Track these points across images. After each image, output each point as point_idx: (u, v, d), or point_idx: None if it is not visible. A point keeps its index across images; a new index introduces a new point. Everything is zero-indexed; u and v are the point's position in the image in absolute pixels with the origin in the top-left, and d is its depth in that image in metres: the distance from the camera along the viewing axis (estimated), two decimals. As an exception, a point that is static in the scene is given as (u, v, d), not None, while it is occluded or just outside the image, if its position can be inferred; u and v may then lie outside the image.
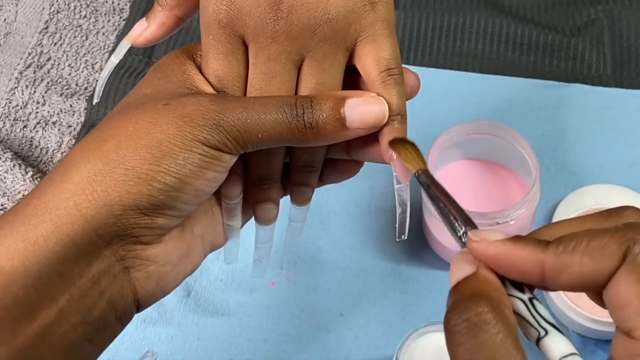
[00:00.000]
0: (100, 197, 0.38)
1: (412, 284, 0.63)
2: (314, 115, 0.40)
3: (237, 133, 0.39)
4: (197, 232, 0.44)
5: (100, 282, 0.39)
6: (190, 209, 0.41)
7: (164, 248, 0.41)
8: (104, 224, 0.38)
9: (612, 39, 0.75)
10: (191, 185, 0.39)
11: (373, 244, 0.65)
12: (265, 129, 0.40)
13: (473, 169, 0.65)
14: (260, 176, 0.45)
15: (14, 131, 0.74)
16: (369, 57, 0.42)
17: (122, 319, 0.41)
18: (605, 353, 0.58)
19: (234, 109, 0.40)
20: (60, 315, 0.37)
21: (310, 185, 0.46)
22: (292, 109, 0.40)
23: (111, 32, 0.80)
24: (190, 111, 0.39)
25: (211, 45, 0.42)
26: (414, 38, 0.76)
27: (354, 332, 0.61)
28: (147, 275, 0.41)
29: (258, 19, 0.41)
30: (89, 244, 0.38)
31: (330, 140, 0.41)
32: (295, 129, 0.40)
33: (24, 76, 0.77)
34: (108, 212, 0.38)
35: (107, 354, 0.61)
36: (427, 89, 0.72)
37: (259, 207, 0.46)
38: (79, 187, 0.38)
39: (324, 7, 0.41)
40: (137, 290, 0.41)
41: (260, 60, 0.42)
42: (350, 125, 0.41)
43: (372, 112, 0.41)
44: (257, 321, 0.62)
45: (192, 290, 0.64)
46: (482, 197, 0.63)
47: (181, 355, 0.61)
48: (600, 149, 0.68)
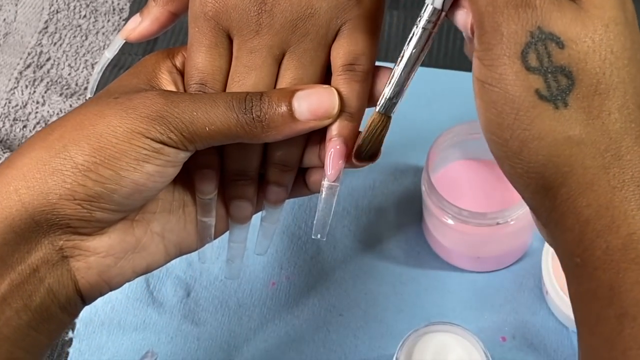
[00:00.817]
0: (38, 184, 0.38)
1: (412, 284, 0.63)
2: (262, 108, 0.40)
3: (183, 126, 0.39)
4: (156, 230, 0.43)
5: (39, 270, 0.39)
6: (133, 204, 0.41)
7: (106, 240, 0.41)
8: (40, 211, 0.38)
9: (612, 39, 0.74)
10: (128, 178, 0.39)
11: (373, 244, 0.65)
12: (213, 122, 0.40)
13: (473, 169, 0.65)
14: (235, 171, 0.44)
15: (13, 131, 0.74)
16: (339, 50, 0.42)
17: (67, 309, 0.41)
18: (605, 353, 0.58)
19: (181, 102, 0.40)
20: (3, 300, 0.38)
21: (284, 185, 0.46)
22: (240, 103, 0.40)
23: (111, 32, 0.80)
24: (136, 104, 0.39)
25: (196, 38, 0.43)
26: (414, 38, 0.75)
27: (353, 332, 0.61)
28: (87, 266, 0.41)
29: (242, 12, 0.41)
30: (27, 230, 0.38)
31: (282, 133, 0.41)
32: (243, 123, 0.40)
33: (23, 76, 0.77)
34: (44, 199, 0.38)
35: (107, 354, 0.61)
36: (427, 89, 0.72)
37: (233, 204, 0.45)
38: (20, 173, 0.38)
39: (308, 1, 0.41)
40: (78, 281, 0.41)
41: (242, 53, 0.42)
42: (299, 116, 0.41)
43: (321, 102, 0.41)
44: (257, 321, 0.62)
45: (192, 290, 0.64)
46: (482, 197, 0.63)
47: (181, 355, 0.61)
48: (601, 149, 0.68)
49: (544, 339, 0.60)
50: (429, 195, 0.59)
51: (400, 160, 0.68)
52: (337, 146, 0.42)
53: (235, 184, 0.45)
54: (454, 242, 0.62)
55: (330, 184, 0.43)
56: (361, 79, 0.42)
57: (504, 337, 0.60)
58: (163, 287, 0.64)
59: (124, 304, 0.63)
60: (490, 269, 0.63)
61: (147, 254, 0.43)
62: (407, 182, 0.68)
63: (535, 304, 0.61)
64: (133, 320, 0.63)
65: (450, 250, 0.62)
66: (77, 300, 0.41)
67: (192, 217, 0.45)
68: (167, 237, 0.44)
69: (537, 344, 0.59)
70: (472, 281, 0.63)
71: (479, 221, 0.58)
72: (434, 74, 0.73)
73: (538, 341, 0.60)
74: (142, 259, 0.43)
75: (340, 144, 0.42)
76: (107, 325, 0.62)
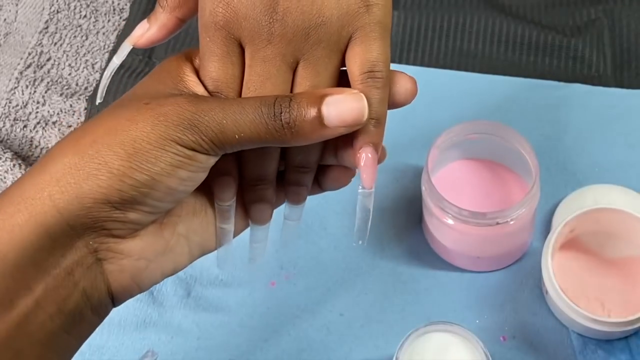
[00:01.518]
0: (72, 189, 0.38)
1: (412, 284, 0.63)
2: (292, 114, 0.40)
3: (213, 134, 0.40)
4: (181, 231, 0.44)
5: (74, 273, 0.39)
6: (165, 206, 0.41)
7: (139, 243, 0.41)
8: (75, 215, 0.38)
9: (612, 39, 0.75)
10: (163, 183, 0.39)
11: (373, 244, 0.65)
12: (242, 130, 0.40)
13: (473, 168, 0.65)
14: (254, 177, 0.45)
15: (14, 131, 0.74)
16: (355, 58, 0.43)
17: (99, 312, 0.41)
18: (605, 353, 0.58)
19: (211, 110, 0.40)
20: (37, 305, 0.38)
21: (305, 185, 0.46)
22: (269, 108, 0.40)
23: (111, 32, 0.80)
24: (167, 110, 0.40)
25: (208, 47, 0.43)
26: (414, 38, 0.76)
27: (354, 332, 0.61)
28: (120, 269, 0.41)
29: (254, 22, 0.42)
30: (62, 235, 0.39)
31: (310, 139, 0.41)
32: (272, 130, 0.40)
33: (24, 76, 0.77)
34: (79, 204, 0.38)
35: (107, 354, 0.61)
36: (427, 89, 0.72)
37: (254, 207, 0.46)
38: (54, 178, 0.39)
39: (318, 9, 0.41)
40: (111, 284, 0.41)
41: (255, 62, 0.42)
42: (329, 123, 0.40)
43: (351, 109, 0.41)
44: (257, 321, 0.62)
45: (192, 290, 0.64)
46: (482, 197, 0.63)
47: (181, 355, 0.61)
48: (600, 149, 0.68)
49: (543, 339, 0.60)
50: (429, 195, 0.59)
51: (400, 160, 0.68)
52: (368, 154, 0.43)
53: (254, 189, 0.45)
54: (454, 241, 0.62)
55: (366, 190, 0.44)
56: (382, 85, 0.42)
57: (504, 336, 0.60)
58: (163, 286, 0.64)
59: (124, 303, 0.63)
60: (490, 268, 0.63)
61: (174, 256, 0.44)
62: (407, 182, 0.68)
63: (535, 304, 0.61)
64: (133, 320, 0.63)
65: (450, 250, 0.62)
66: (108, 302, 0.42)
67: (213, 218, 0.46)
68: (191, 238, 0.45)
69: (537, 344, 0.59)
70: (472, 281, 0.63)
71: (478, 221, 0.58)
72: (434, 74, 0.73)
73: (538, 341, 0.60)
74: (170, 261, 0.44)
75: (371, 152, 0.43)
76: (107, 325, 0.62)
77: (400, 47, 0.75)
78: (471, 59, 0.75)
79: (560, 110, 0.71)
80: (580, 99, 0.71)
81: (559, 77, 0.73)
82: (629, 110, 0.70)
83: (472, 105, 0.72)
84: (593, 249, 0.61)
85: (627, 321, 0.56)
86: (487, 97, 0.72)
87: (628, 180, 0.66)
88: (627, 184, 0.65)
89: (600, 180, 0.66)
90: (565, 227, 0.59)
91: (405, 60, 0.74)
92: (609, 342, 0.59)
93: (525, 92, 0.72)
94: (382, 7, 0.43)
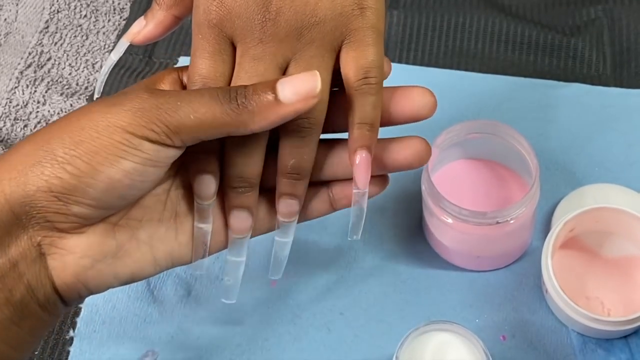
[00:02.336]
0: (19, 176, 0.39)
1: (412, 283, 0.63)
2: (247, 94, 0.40)
3: (166, 115, 0.39)
4: (142, 238, 0.43)
5: (18, 265, 0.39)
6: (113, 203, 0.41)
7: (84, 240, 0.41)
8: (19, 203, 0.38)
9: (612, 39, 0.75)
10: (103, 173, 0.39)
11: (373, 244, 0.65)
12: (196, 109, 0.39)
13: (473, 168, 0.65)
14: (235, 176, 0.44)
15: (14, 131, 0.75)
16: (350, 63, 0.43)
17: (47, 308, 0.41)
18: (605, 352, 0.58)
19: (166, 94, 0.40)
20: None
21: (297, 196, 0.45)
22: (225, 92, 0.40)
23: (111, 32, 0.81)
24: (121, 99, 0.40)
25: (199, 44, 0.43)
26: (414, 38, 0.76)
27: (354, 331, 0.61)
28: (63, 266, 0.40)
29: (247, 20, 0.42)
30: (8, 223, 0.39)
31: (269, 118, 0.41)
32: (228, 110, 0.40)
33: (24, 76, 0.77)
34: (23, 190, 0.38)
35: (107, 353, 0.61)
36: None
37: (233, 214, 0.45)
38: (7, 165, 0.39)
39: (312, 10, 0.42)
40: (54, 280, 0.41)
41: (244, 60, 0.43)
42: (284, 99, 0.40)
43: (303, 81, 0.41)
44: (257, 321, 0.62)
45: (192, 290, 0.64)
46: (482, 196, 0.63)
47: (181, 355, 0.61)
48: (600, 149, 0.68)
49: (543, 338, 0.60)
50: (429, 194, 0.59)
51: (400, 160, 0.68)
52: (362, 155, 0.44)
53: (236, 192, 0.44)
54: (454, 241, 0.62)
55: (360, 190, 0.45)
56: (376, 91, 0.43)
57: (504, 336, 0.60)
58: (164, 286, 0.64)
59: (124, 303, 0.63)
60: (490, 268, 0.63)
61: (131, 261, 0.43)
62: (407, 182, 0.68)
63: (535, 303, 0.61)
64: (134, 319, 0.63)
65: (450, 250, 0.62)
66: (56, 300, 0.41)
67: (184, 228, 0.45)
68: (155, 246, 0.44)
69: (536, 343, 0.60)
70: (472, 280, 0.63)
71: (478, 220, 0.58)
72: (434, 74, 0.73)
73: (538, 340, 0.60)
74: (126, 266, 0.43)
75: (365, 153, 0.44)
76: (107, 324, 0.62)
77: (400, 46, 0.75)
78: (471, 59, 0.75)
79: (559, 110, 0.71)
80: (579, 98, 0.71)
81: (558, 77, 0.73)
82: (629, 110, 0.70)
83: (472, 105, 0.72)
84: (593, 248, 0.61)
85: (627, 320, 0.56)
86: (487, 97, 0.72)
87: (628, 179, 0.66)
88: (627, 183, 0.65)
89: (599, 180, 0.66)
90: (565, 227, 0.59)
91: (405, 59, 0.74)
92: (609, 341, 0.59)
93: (525, 91, 0.72)
94: (376, 11, 0.43)
